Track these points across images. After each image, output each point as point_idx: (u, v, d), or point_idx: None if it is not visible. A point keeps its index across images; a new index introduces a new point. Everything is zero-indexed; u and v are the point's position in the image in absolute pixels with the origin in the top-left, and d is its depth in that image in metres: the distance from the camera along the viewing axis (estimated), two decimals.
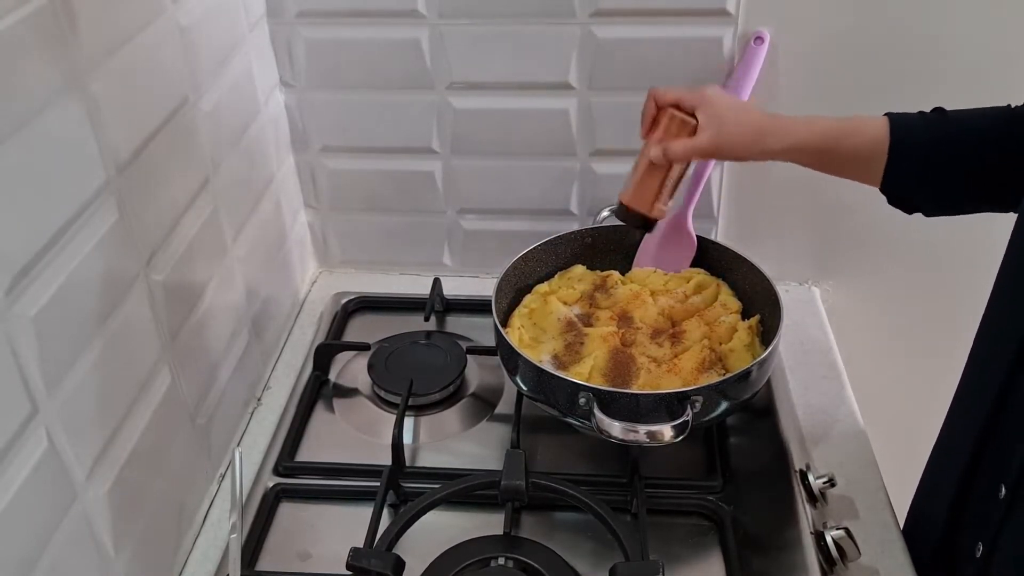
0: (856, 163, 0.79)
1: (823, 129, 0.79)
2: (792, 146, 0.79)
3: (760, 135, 0.79)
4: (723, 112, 0.80)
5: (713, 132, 0.79)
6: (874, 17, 0.98)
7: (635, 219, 0.87)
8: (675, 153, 0.81)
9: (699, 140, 0.80)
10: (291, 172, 1.13)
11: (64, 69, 0.63)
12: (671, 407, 0.79)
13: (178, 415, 0.82)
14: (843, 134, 0.78)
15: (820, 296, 1.16)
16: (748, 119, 0.80)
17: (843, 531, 0.79)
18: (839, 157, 0.79)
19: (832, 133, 0.79)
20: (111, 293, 0.70)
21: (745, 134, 0.79)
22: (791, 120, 0.80)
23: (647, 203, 0.85)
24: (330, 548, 0.83)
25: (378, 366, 1.00)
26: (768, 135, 0.79)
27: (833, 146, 0.79)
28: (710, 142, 0.79)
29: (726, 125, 0.80)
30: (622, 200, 0.87)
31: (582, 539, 0.82)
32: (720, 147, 0.80)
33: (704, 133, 0.79)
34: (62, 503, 0.64)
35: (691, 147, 0.80)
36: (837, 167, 0.81)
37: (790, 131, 0.79)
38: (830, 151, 0.79)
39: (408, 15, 1.01)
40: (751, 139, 0.79)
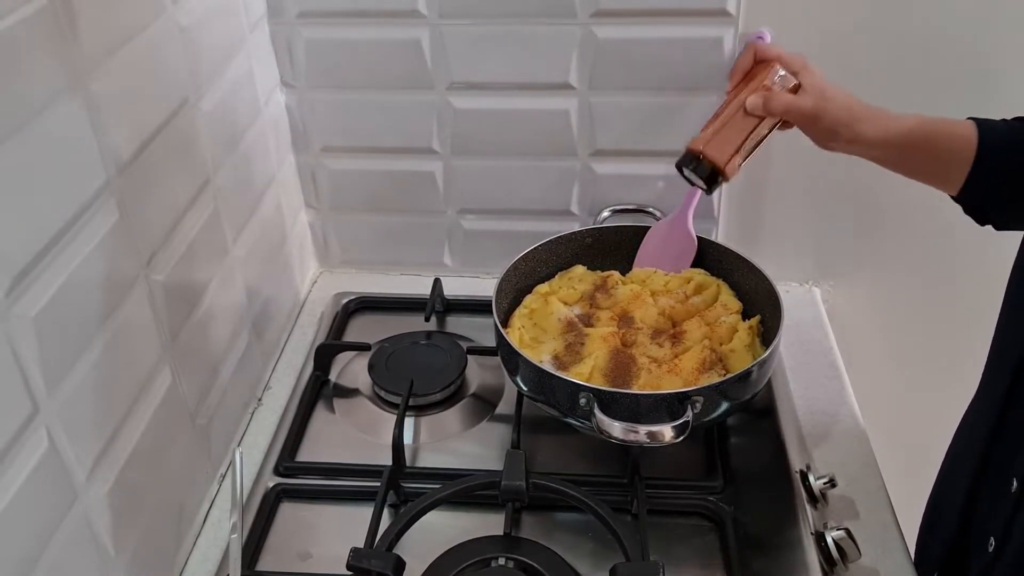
0: (939, 167, 0.76)
1: (914, 127, 0.76)
2: (883, 139, 0.76)
3: (856, 119, 0.76)
4: (825, 83, 0.77)
5: (816, 98, 0.76)
6: (874, 17, 0.98)
7: (705, 170, 0.80)
8: (776, 106, 0.76)
9: (803, 101, 0.76)
10: (292, 172, 1.13)
11: (64, 69, 0.63)
12: (671, 407, 0.79)
13: (178, 415, 0.82)
14: (934, 136, 0.75)
15: (821, 296, 1.16)
16: (847, 99, 0.77)
17: (843, 532, 0.79)
18: (927, 158, 0.76)
19: (923, 133, 0.75)
20: (111, 293, 0.70)
21: (844, 112, 0.76)
22: (885, 112, 0.76)
23: (725, 156, 0.79)
24: (330, 548, 0.83)
25: (378, 366, 1.00)
26: (864, 121, 0.76)
27: (922, 146, 0.76)
28: (813, 106, 0.76)
29: (828, 96, 0.76)
30: (695, 148, 0.80)
31: (582, 539, 0.82)
32: (820, 116, 0.76)
33: (808, 96, 0.76)
34: (62, 503, 0.64)
35: (794, 104, 0.76)
36: (919, 169, 0.78)
37: (884, 123, 0.76)
38: (920, 151, 0.76)
39: (408, 15, 1.01)
40: (849, 119, 0.76)
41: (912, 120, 0.76)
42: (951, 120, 0.76)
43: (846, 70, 1.00)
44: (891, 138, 0.76)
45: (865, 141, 0.76)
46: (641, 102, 1.05)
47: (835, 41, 0.99)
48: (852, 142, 0.76)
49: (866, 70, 1.01)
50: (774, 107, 0.77)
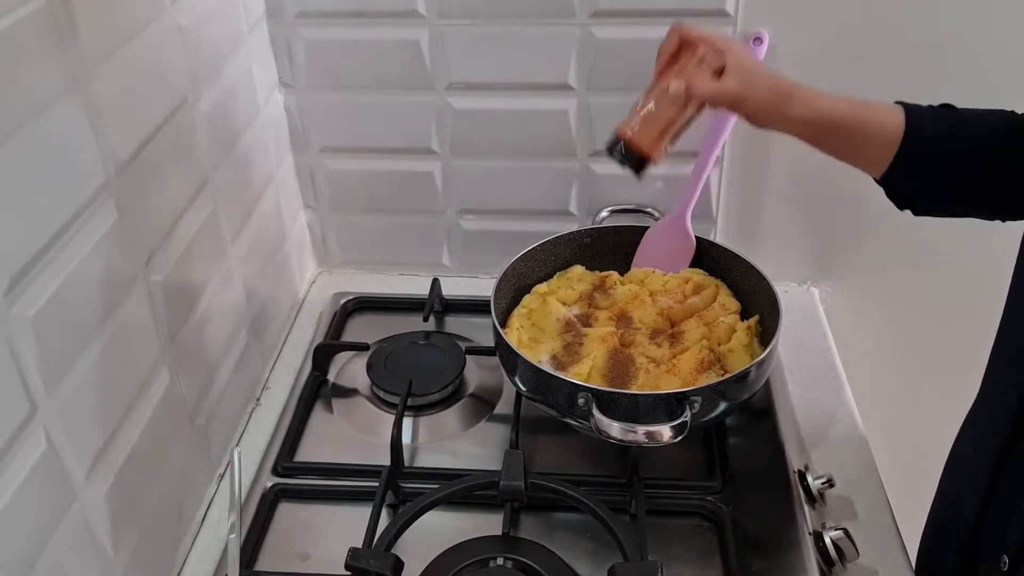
0: (866, 149, 0.76)
1: (845, 108, 0.75)
2: (814, 118, 0.75)
3: (785, 98, 0.75)
4: (751, 64, 0.76)
5: (741, 79, 0.75)
6: (873, 17, 0.98)
7: (633, 157, 0.79)
8: (699, 90, 0.75)
9: (726, 84, 0.75)
10: (290, 172, 1.13)
11: (63, 70, 0.63)
12: (670, 407, 0.79)
13: (177, 415, 0.82)
14: (861, 118, 0.75)
15: (819, 297, 1.16)
16: (775, 79, 0.76)
17: (842, 532, 0.79)
18: (853, 140, 0.76)
19: (852, 113, 0.75)
20: (110, 294, 0.70)
21: (770, 93, 0.75)
22: (815, 92, 0.76)
23: (650, 141, 0.78)
24: (329, 548, 0.83)
25: (377, 366, 1.00)
26: (793, 100, 0.75)
27: (851, 127, 0.75)
28: (738, 88, 0.75)
29: (754, 77, 0.75)
30: (622, 134, 0.79)
31: (581, 539, 0.82)
32: (745, 97, 0.75)
33: (731, 78, 0.75)
34: (61, 503, 0.64)
35: (717, 88, 0.75)
36: (845, 150, 0.78)
37: (814, 102, 0.75)
38: (847, 132, 0.76)
39: (408, 15, 1.01)
40: (775, 99, 0.75)
41: (840, 101, 0.76)
42: (880, 103, 0.76)
43: (845, 70, 1.01)
44: (818, 117, 0.75)
45: (793, 119, 0.75)
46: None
47: (834, 41, 1.00)
48: (780, 121, 0.76)
49: (865, 70, 1.01)
50: (697, 91, 0.76)
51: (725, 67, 0.76)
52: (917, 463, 1.03)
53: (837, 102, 0.76)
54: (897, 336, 1.19)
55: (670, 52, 0.79)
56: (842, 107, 0.75)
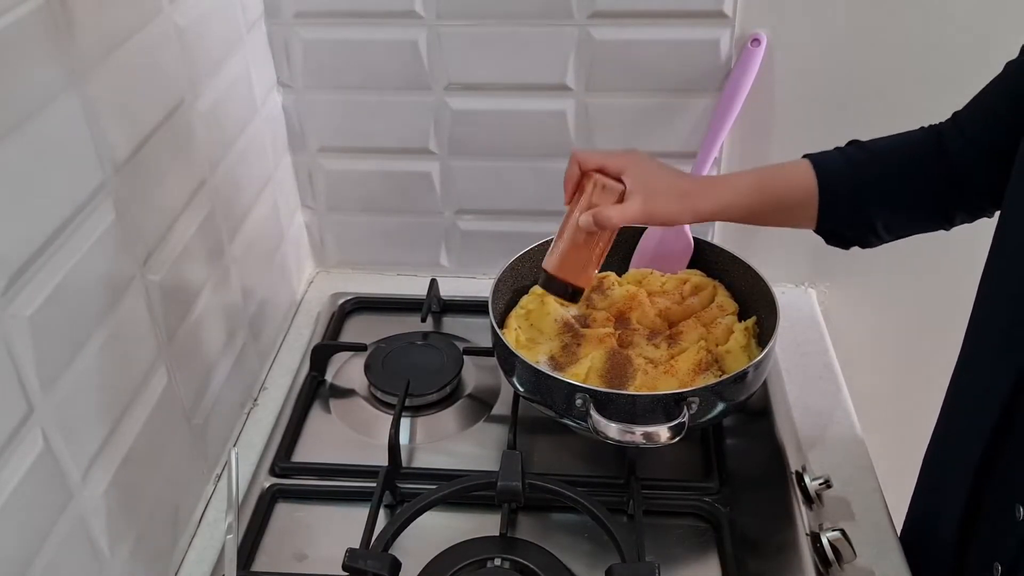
0: (787, 212, 0.80)
1: (748, 184, 0.79)
2: (721, 206, 0.79)
3: (687, 198, 0.78)
4: (649, 177, 0.79)
5: (643, 197, 0.77)
6: (870, 19, 0.98)
7: (563, 288, 0.82)
8: (607, 220, 0.78)
9: (630, 207, 0.77)
10: (288, 172, 1.13)
11: (61, 69, 0.63)
12: (668, 408, 0.79)
13: (174, 416, 0.82)
14: (771, 186, 0.79)
15: (816, 298, 1.16)
16: (674, 183, 0.79)
17: (839, 533, 0.79)
18: (769, 209, 0.79)
19: (757, 186, 0.79)
20: (107, 293, 0.70)
21: (673, 198, 0.78)
22: (717, 179, 0.80)
23: (576, 272, 0.82)
24: (326, 549, 0.83)
25: (375, 367, 1.00)
26: (695, 197, 0.78)
27: (761, 198, 0.79)
28: (642, 208, 0.77)
29: (655, 190, 0.78)
30: (548, 270, 0.83)
31: (578, 540, 0.82)
32: (652, 213, 0.78)
33: (634, 199, 0.77)
34: (58, 504, 0.64)
35: (622, 212, 0.77)
36: (770, 218, 0.81)
37: (716, 191, 0.79)
38: (759, 204, 0.79)
39: (406, 16, 1.01)
40: (680, 204, 0.78)
41: (745, 179, 0.79)
42: (786, 165, 0.79)
43: (842, 71, 1.01)
44: (730, 203, 0.79)
45: (706, 214, 0.79)
46: (637, 103, 1.05)
47: (831, 42, 1.00)
48: (696, 218, 0.79)
49: (862, 72, 1.01)
50: (605, 222, 0.78)
51: (625, 190, 0.78)
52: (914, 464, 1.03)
53: (738, 180, 0.79)
54: (894, 337, 1.19)
55: (574, 180, 0.82)
56: (744, 184, 0.79)
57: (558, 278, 0.83)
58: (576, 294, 0.83)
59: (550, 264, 0.83)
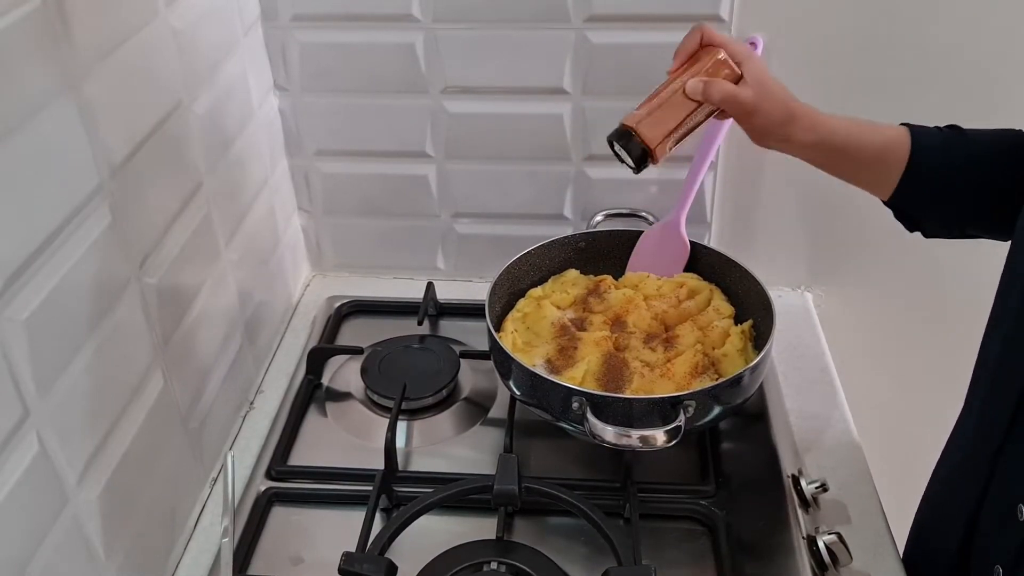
0: (871, 171, 0.76)
1: (848, 131, 0.76)
2: (814, 141, 0.76)
3: (791, 117, 0.75)
4: (767, 77, 0.76)
5: (757, 91, 0.75)
6: (867, 22, 0.98)
7: (637, 148, 0.77)
8: (715, 92, 0.75)
9: (744, 91, 0.75)
10: (285, 176, 1.13)
11: (57, 72, 0.63)
12: (664, 412, 0.79)
13: (170, 419, 0.82)
14: (866, 141, 0.76)
15: (812, 301, 1.17)
16: (785, 96, 0.77)
17: (835, 536, 0.79)
18: (856, 163, 0.76)
19: (855, 136, 0.76)
20: (104, 297, 0.69)
21: (779, 110, 0.75)
22: (819, 114, 0.76)
23: (656, 135, 0.76)
24: (322, 552, 0.82)
25: (371, 370, 0.99)
26: (797, 121, 0.75)
27: (854, 150, 0.76)
28: (752, 99, 0.75)
29: (769, 90, 0.76)
30: (629, 124, 0.77)
31: (575, 544, 0.82)
32: (756, 110, 0.75)
33: (747, 88, 0.75)
34: (53, 507, 0.63)
35: (733, 93, 0.75)
36: (851, 172, 0.78)
37: (819, 124, 0.76)
38: (850, 155, 0.76)
39: (402, 19, 1.01)
40: (782, 117, 0.75)
41: (845, 124, 0.76)
42: (885, 125, 0.76)
43: (838, 74, 1.01)
44: (822, 141, 0.76)
45: (796, 141, 0.76)
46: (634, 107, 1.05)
47: (828, 46, 1.00)
48: (784, 141, 0.76)
49: (858, 75, 1.01)
50: (713, 93, 0.75)
51: (742, 77, 0.76)
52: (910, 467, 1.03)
53: (840, 125, 0.76)
54: (890, 340, 1.20)
55: (689, 52, 0.79)
56: (844, 130, 0.76)
57: (636, 133, 0.77)
58: (643, 158, 0.77)
59: (632, 118, 0.77)
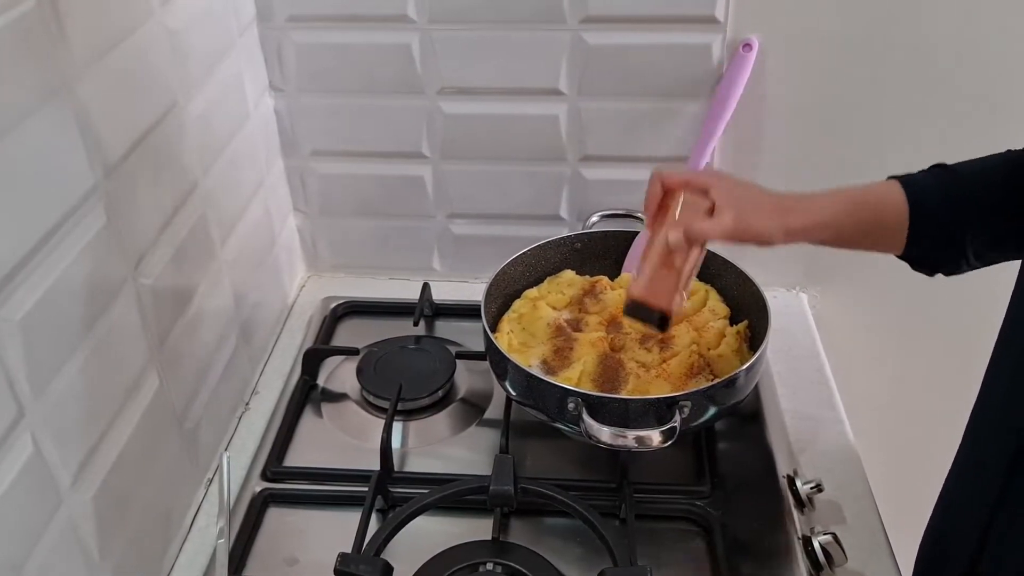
0: (877, 234, 0.76)
1: (840, 203, 0.75)
2: (813, 224, 0.75)
3: (782, 214, 0.74)
4: (739, 192, 0.76)
5: (735, 212, 0.74)
6: (863, 24, 0.98)
7: (652, 315, 0.77)
8: (698, 233, 0.74)
9: (722, 220, 0.73)
10: (280, 176, 1.13)
11: (52, 73, 0.63)
12: (660, 412, 0.80)
13: (166, 420, 0.81)
14: (863, 207, 0.75)
15: (808, 302, 1.17)
16: (765, 199, 0.76)
17: (830, 536, 0.79)
18: (860, 231, 0.76)
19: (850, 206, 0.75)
20: (99, 297, 0.69)
21: (765, 214, 0.74)
22: (806, 197, 0.75)
23: (666, 297, 0.76)
24: (318, 553, 0.82)
25: (367, 371, 0.99)
26: (788, 213, 0.74)
27: (852, 221, 0.75)
28: (735, 221, 0.73)
29: (745, 205, 0.74)
30: (636, 296, 0.77)
31: (571, 544, 0.82)
32: (746, 227, 0.74)
33: (726, 213, 0.74)
34: (47, 508, 0.63)
35: (715, 226, 0.73)
36: (858, 241, 0.77)
37: (812, 208, 0.75)
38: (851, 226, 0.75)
39: (398, 20, 1.01)
40: (774, 219, 0.74)
41: (835, 199, 0.76)
42: (875, 186, 0.76)
43: (833, 76, 1.02)
44: (822, 222, 0.75)
45: (798, 232, 0.75)
46: (630, 108, 1.05)
47: (823, 47, 1.00)
48: (788, 237, 0.75)
49: (853, 77, 1.02)
50: (696, 236, 0.74)
51: (714, 205, 0.75)
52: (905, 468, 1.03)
53: (833, 198, 0.75)
54: (885, 341, 1.20)
55: (656, 201, 0.78)
56: (839, 203, 0.75)
57: (646, 304, 0.77)
58: (664, 321, 0.78)
59: (636, 289, 0.77)
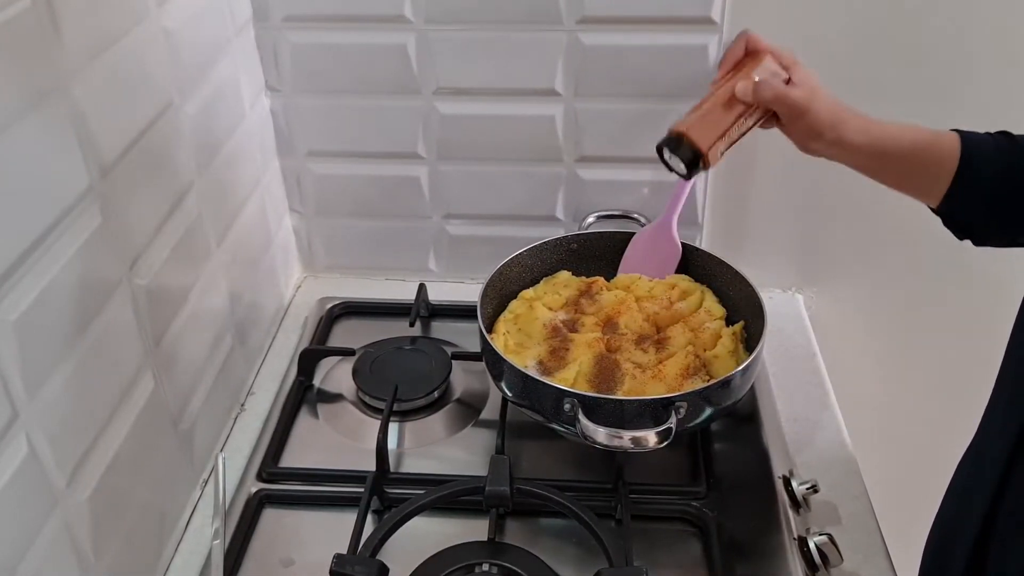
0: (920, 178, 0.76)
1: (897, 136, 0.75)
2: (865, 143, 0.75)
3: (840, 121, 0.76)
4: (816, 82, 0.77)
5: (806, 92, 0.76)
6: (859, 24, 0.99)
7: (688, 153, 0.76)
8: (766, 93, 0.76)
9: (794, 91, 0.76)
10: (276, 176, 1.13)
11: (47, 73, 0.62)
12: (656, 413, 0.80)
13: (161, 421, 0.81)
14: (916, 146, 0.75)
15: (803, 303, 1.17)
16: (834, 100, 0.77)
17: (826, 537, 0.80)
18: (906, 169, 0.76)
19: (905, 142, 0.75)
20: (94, 298, 0.69)
21: (832, 109, 0.76)
22: (869, 118, 0.76)
23: (709, 139, 0.76)
24: (314, 554, 0.82)
25: (363, 371, 0.99)
26: (847, 123, 0.76)
27: (903, 156, 0.75)
28: (803, 99, 0.75)
29: (818, 93, 0.76)
30: (679, 129, 0.76)
31: (566, 545, 0.82)
32: (807, 110, 0.76)
33: (800, 89, 0.76)
34: (42, 510, 0.63)
35: (785, 93, 0.76)
36: (899, 179, 0.77)
37: (867, 128, 0.76)
38: (899, 160, 0.75)
39: (395, 20, 1.01)
40: (832, 120, 0.76)
41: (895, 128, 0.76)
42: (935, 131, 0.75)
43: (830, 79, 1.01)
44: (873, 144, 0.75)
45: (847, 144, 0.75)
46: (626, 108, 1.05)
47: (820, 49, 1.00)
48: (834, 144, 0.76)
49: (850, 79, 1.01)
50: (764, 94, 0.76)
51: (790, 79, 0.77)
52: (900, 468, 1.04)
53: (890, 128, 0.76)
54: (881, 342, 1.20)
55: (736, 58, 0.79)
56: (894, 135, 0.75)
57: (688, 138, 0.76)
58: (695, 163, 0.77)
59: (682, 124, 0.77)
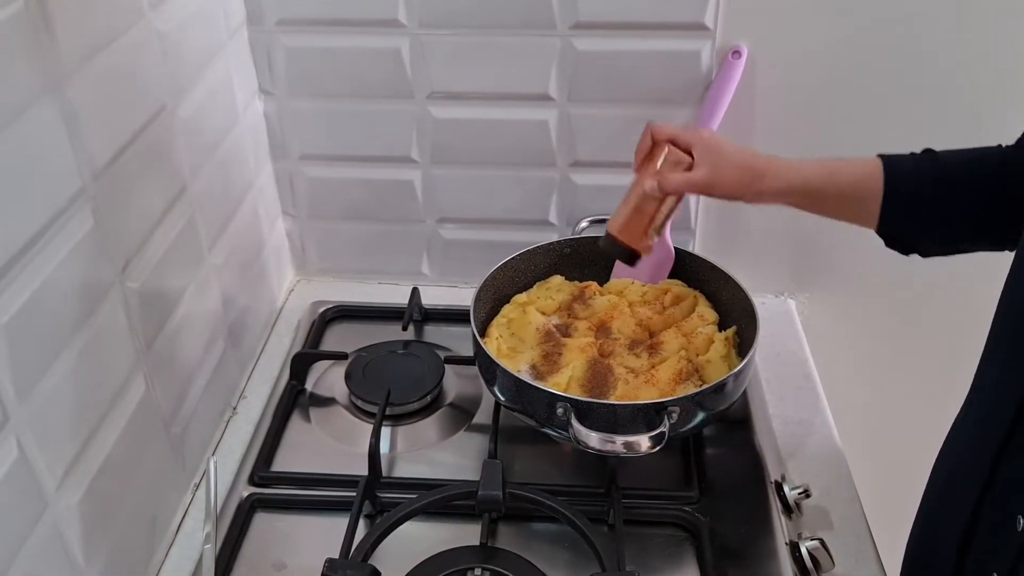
0: (850, 204, 0.79)
1: (816, 169, 0.79)
2: (786, 187, 0.79)
3: (755, 176, 0.80)
4: (719, 151, 0.81)
5: (709, 169, 0.80)
6: (851, 31, 0.99)
7: (622, 251, 0.86)
8: (670, 185, 0.81)
9: (695, 175, 0.81)
10: (269, 180, 1.13)
11: (40, 75, 0.62)
12: (648, 418, 0.80)
13: (152, 424, 0.81)
14: (836, 174, 0.79)
15: (796, 308, 1.17)
16: (743, 160, 0.81)
17: (817, 542, 0.80)
18: (833, 198, 0.80)
19: (825, 173, 0.79)
20: (85, 301, 0.69)
21: (740, 174, 0.80)
22: (786, 162, 0.80)
23: (636, 236, 0.85)
24: (305, 559, 0.82)
25: (355, 375, 0.99)
26: (764, 176, 0.80)
27: (827, 187, 0.79)
28: (705, 177, 0.80)
29: (722, 163, 0.80)
30: (610, 231, 0.86)
31: (559, 550, 0.82)
32: (715, 183, 0.80)
33: (700, 169, 0.80)
34: (32, 513, 0.63)
35: (686, 180, 0.81)
36: (831, 208, 0.81)
37: (784, 173, 0.80)
38: (824, 192, 0.79)
39: (389, 24, 1.01)
40: (746, 179, 0.80)
41: (815, 165, 0.80)
42: (856, 159, 0.79)
43: (823, 84, 1.02)
44: (793, 187, 0.79)
45: (768, 196, 0.80)
46: (619, 114, 1.05)
47: (811, 55, 1.01)
48: (756, 198, 0.81)
49: (842, 84, 1.02)
50: (668, 187, 0.81)
51: (693, 160, 0.81)
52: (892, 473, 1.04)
53: (809, 167, 0.80)
54: (873, 347, 1.20)
55: (645, 150, 0.84)
56: (814, 172, 0.79)
57: (619, 241, 0.85)
58: (634, 258, 0.86)
59: (613, 227, 0.86)
